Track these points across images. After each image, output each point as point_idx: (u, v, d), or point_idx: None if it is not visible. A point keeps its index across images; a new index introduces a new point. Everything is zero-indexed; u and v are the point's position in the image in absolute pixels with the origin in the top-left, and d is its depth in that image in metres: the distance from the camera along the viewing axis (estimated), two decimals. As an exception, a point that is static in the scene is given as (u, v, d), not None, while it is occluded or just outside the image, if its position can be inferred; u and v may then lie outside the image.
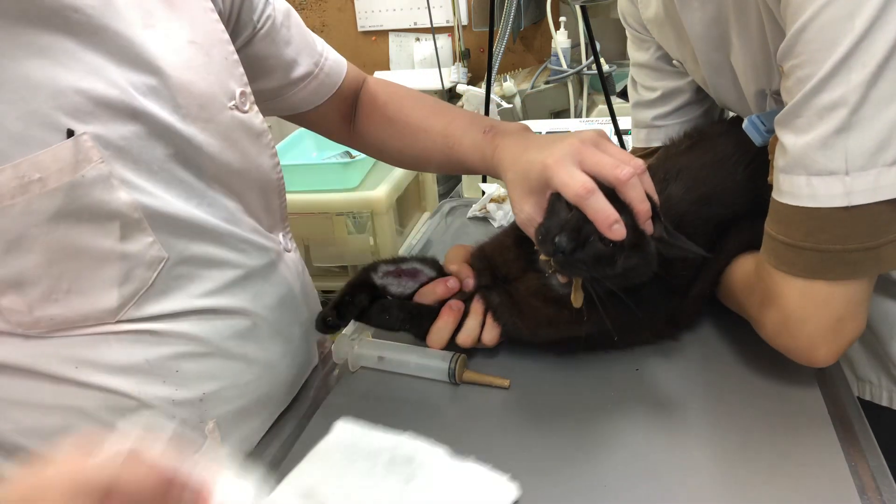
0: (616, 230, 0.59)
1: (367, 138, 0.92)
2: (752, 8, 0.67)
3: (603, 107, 1.74)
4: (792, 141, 0.58)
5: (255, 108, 0.72)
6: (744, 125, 0.72)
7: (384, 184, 1.63)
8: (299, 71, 0.82)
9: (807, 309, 0.61)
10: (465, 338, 0.75)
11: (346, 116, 0.91)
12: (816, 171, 0.56)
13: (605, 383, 0.71)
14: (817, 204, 0.56)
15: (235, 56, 0.71)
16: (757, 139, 0.71)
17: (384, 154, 0.93)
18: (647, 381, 0.71)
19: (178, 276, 0.62)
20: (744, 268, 0.71)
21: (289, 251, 0.76)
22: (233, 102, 0.68)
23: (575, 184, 0.60)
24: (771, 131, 0.69)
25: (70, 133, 0.52)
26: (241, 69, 0.72)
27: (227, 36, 0.71)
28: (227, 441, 0.66)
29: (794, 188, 0.58)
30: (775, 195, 0.61)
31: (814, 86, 0.55)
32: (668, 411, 0.67)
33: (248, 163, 0.70)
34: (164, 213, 0.59)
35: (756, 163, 0.73)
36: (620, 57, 2.16)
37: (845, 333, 0.62)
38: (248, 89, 0.71)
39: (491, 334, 0.75)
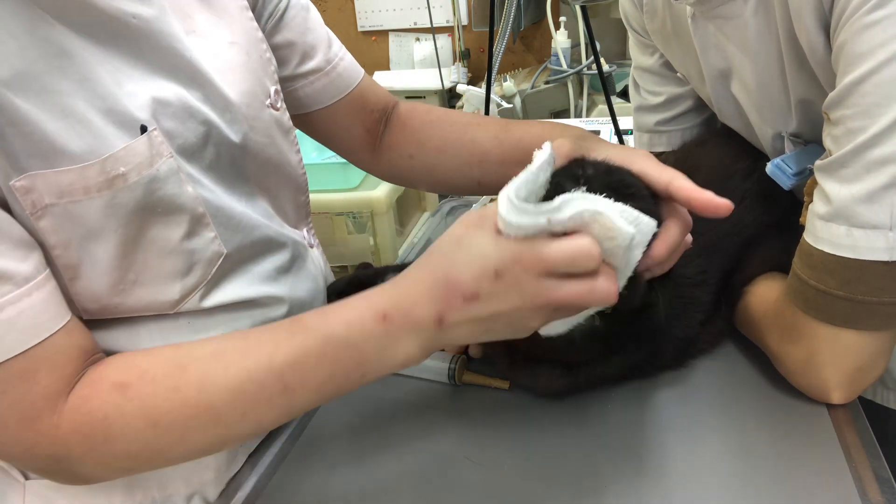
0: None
1: (396, 150, 0.87)
2: (773, 52, 0.66)
3: (603, 107, 1.74)
4: (836, 190, 0.57)
5: (284, 105, 0.73)
6: (768, 170, 0.71)
7: (384, 184, 1.62)
8: (310, 64, 0.81)
9: (830, 355, 0.61)
10: (450, 347, 0.76)
11: (371, 131, 0.87)
12: (859, 223, 0.55)
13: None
14: (857, 255, 0.56)
15: (269, 54, 0.72)
16: (785, 183, 0.70)
17: (415, 162, 0.86)
18: (648, 382, 0.71)
19: (228, 270, 0.63)
20: (764, 300, 0.71)
21: (312, 247, 0.78)
22: (269, 101, 0.70)
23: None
24: (797, 174, 0.69)
25: (143, 129, 0.54)
26: (275, 65, 0.73)
27: (261, 34, 0.72)
28: None
29: (832, 237, 0.57)
30: (810, 240, 0.60)
31: (867, 140, 0.54)
32: (668, 412, 0.67)
33: (282, 159, 0.72)
34: (221, 208, 0.61)
35: (759, 195, 0.72)
36: (620, 57, 2.16)
37: (862, 382, 0.63)
38: (279, 86, 0.72)
39: (475, 348, 0.76)
